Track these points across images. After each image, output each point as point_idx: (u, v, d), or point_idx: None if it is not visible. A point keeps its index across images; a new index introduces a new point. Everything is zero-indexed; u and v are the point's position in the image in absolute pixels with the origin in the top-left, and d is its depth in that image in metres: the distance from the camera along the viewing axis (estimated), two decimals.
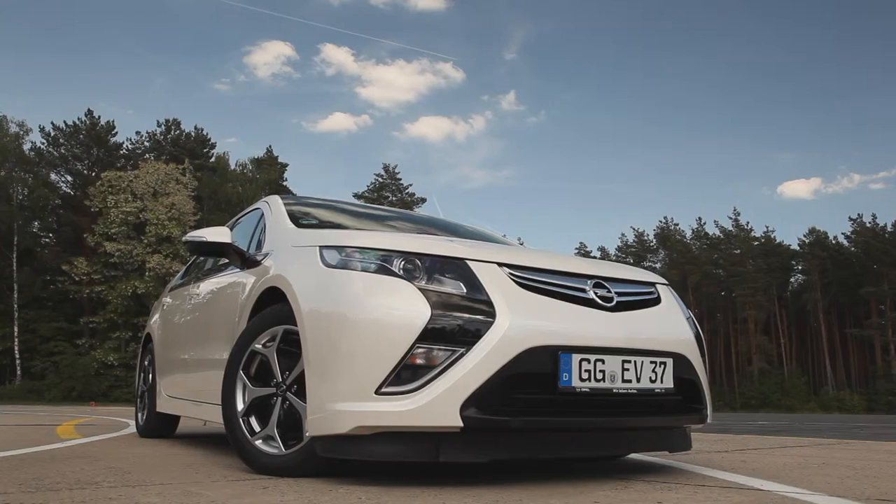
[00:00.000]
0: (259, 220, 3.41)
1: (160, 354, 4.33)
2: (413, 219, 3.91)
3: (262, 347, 2.57)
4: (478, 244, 2.71)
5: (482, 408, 2.07)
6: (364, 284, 2.25)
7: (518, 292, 2.26)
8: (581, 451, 2.37)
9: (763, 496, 2.06)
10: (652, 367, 2.35)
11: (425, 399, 2.06)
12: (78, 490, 2.04)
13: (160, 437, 4.45)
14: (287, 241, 2.83)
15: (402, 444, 2.14)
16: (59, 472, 2.50)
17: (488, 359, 2.09)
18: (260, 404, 2.55)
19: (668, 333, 2.52)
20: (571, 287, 2.37)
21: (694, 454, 3.53)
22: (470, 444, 2.13)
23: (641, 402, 2.35)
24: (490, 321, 2.14)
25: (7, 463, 2.84)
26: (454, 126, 70.62)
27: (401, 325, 2.12)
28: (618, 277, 2.57)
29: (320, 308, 2.30)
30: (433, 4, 69.30)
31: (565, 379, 2.17)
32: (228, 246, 3.15)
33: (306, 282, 2.41)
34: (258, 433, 2.51)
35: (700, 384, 2.56)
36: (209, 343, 3.33)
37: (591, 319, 2.32)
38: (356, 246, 2.38)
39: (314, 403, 2.22)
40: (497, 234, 3.94)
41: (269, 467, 2.43)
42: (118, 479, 2.29)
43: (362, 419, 2.10)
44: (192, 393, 3.63)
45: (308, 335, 2.28)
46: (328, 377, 2.19)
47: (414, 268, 2.27)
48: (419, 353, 2.10)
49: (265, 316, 2.62)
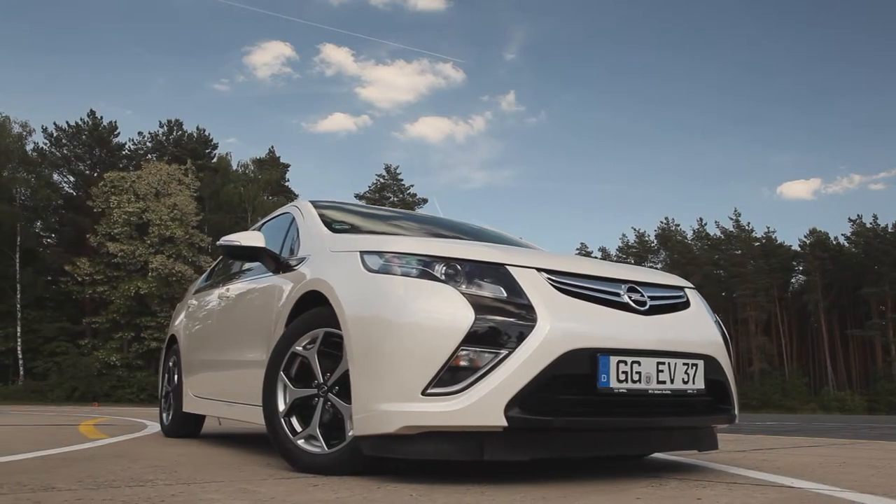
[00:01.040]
0: (290, 224, 3.48)
1: (186, 356, 4.41)
2: (440, 223, 3.98)
3: (303, 350, 2.65)
4: (515, 249, 2.79)
5: (525, 408, 2.15)
6: (407, 289, 2.33)
7: (557, 297, 2.34)
8: (617, 449, 2.45)
9: (797, 493, 2.13)
10: (684, 369, 2.43)
11: (471, 400, 2.14)
12: (137, 487, 2.12)
13: (186, 436, 4.52)
14: (324, 246, 2.90)
15: (446, 443, 2.22)
16: (108, 470, 2.58)
17: (531, 361, 2.17)
18: (301, 405, 2.63)
19: (699, 336, 2.60)
20: (607, 291, 2.45)
21: (714, 454, 3.61)
22: (512, 443, 2.21)
23: (675, 403, 2.43)
24: (532, 324, 2.22)
25: (52, 462, 2.91)
26: (454, 126, 70.73)
27: (446, 328, 2.20)
28: (649, 282, 2.65)
29: (364, 312, 2.37)
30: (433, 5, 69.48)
31: (604, 380, 2.24)
32: (262, 250, 3.22)
33: (349, 286, 2.49)
34: (300, 433, 2.59)
35: (728, 385, 2.64)
36: (242, 345, 3.41)
37: (627, 323, 2.40)
38: (398, 251, 2.46)
39: (360, 404, 2.29)
40: (523, 240, 4.01)
41: (311, 466, 2.51)
42: (169, 477, 2.37)
43: (409, 419, 2.18)
44: (223, 393, 3.71)
45: (353, 338, 2.36)
46: (374, 379, 2.27)
47: (455, 273, 2.35)
48: (464, 355, 2.18)
49: (305, 319, 2.70)
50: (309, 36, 73.16)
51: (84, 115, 42.01)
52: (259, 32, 73.78)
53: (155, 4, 61.78)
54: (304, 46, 75.89)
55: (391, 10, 67.06)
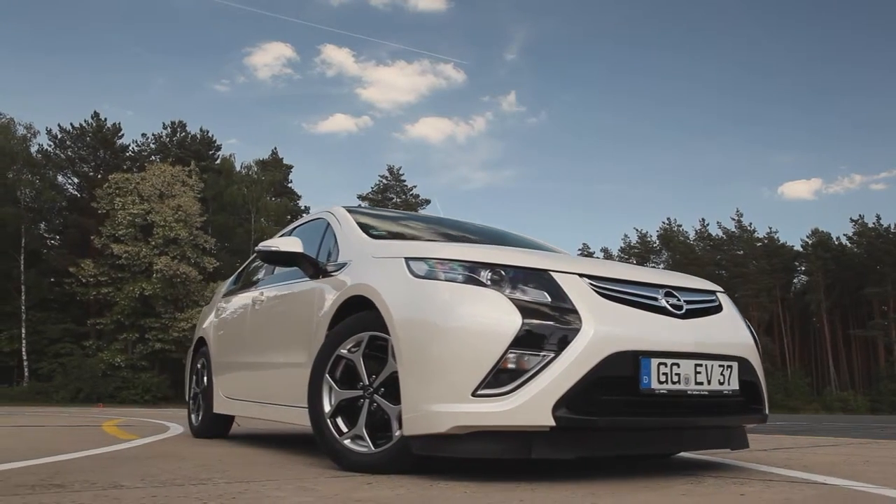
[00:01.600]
0: (325, 230, 3.57)
1: (217, 358, 4.50)
2: (465, 227, 4.07)
3: (348, 353, 2.73)
4: (556, 255, 2.89)
5: (572, 408, 2.24)
6: (455, 294, 2.42)
7: (599, 301, 2.43)
8: (657, 448, 2.55)
9: (833, 490, 2.22)
10: (720, 371, 2.52)
11: (520, 400, 2.23)
12: (200, 485, 2.21)
13: (215, 437, 4.61)
14: (366, 252, 2.99)
15: (495, 442, 2.31)
16: (161, 469, 2.67)
17: (577, 363, 2.26)
18: (346, 406, 2.72)
19: (733, 338, 2.70)
20: (645, 296, 2.54)
21: (739, 453, 3.69)
22: (559, 442, 2.30)
23: (711, 403, 2.52)
24: (577, 328, 2.31)
25: (102, 461, 3.00)
26: (455, 127, 70.85)
27: (494, 331, 2.29)
28: (684, 286, 2.74)
29: (413, 316, 2.46)
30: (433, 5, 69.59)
31: (645, 381, 2.34)
32: (301, 255, 3.31)
33: (395, 291, 2.58)
34: (346, 433, 2.68)
35: (760, 386, 2.74)
36: (280, 347, 3.50)
37: (665, 326, 2.49)
38: (443, 258, 2.55)
39: (410, 405, 2.38)
40: (548, 244, 4.10)
41: (358, 465, 2.59)
42: (224, 476, 2.45)
43: (460, 419, 2.27)
44: (258, 394, 3.80)
45: (402, 341, 2.44)
46: (424, 380, 2.36)
47: (500, 278, 2.44)
48: (512, 357, 2.27)
49: (349, 323, 2.79)
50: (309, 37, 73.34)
51: (87, 117, 42.18)
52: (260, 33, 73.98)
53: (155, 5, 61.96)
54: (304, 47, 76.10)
55: (391, 11, 67.23)
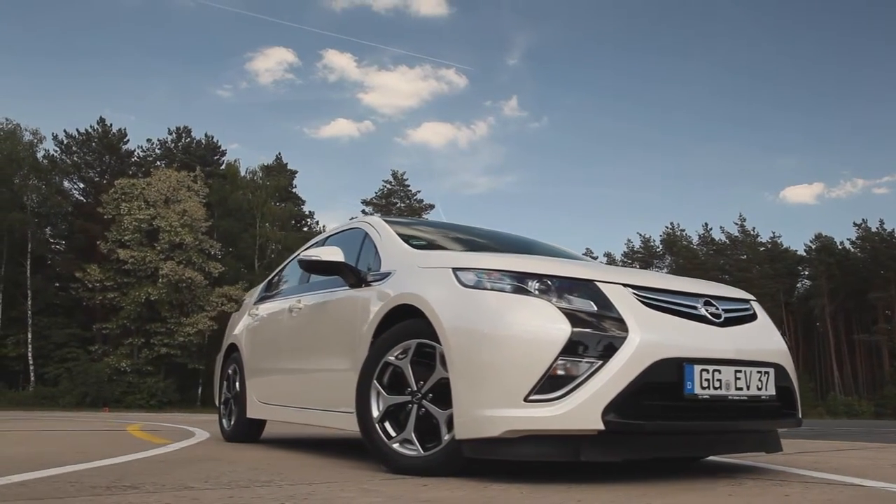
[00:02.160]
0: (363, 240, 3.67)
1: (251, 364, 4.59)
2: (495, 237, 4.18)
3: (395, 359, 2.84)
4: (600, 266, 3.00)
5: (620, 413, 2.35)
6: (505, 303, 2.52)
7: (643, 310, 2.53)
8: (698, 451, 2.65)
9: (871, 491, 2.32)
10: (758, 376, 2.62)
11: (571, 405, 2.33)
12: (265, 487, 2.31)
13: (247, 441, 4.70)
14: (410, 262, 3.10)
15: (545, 445, 2.41)
16: (219, 472, 2.77)
17: (624, 370, 2.36)
18: (394, 411, 2.82)
19: (769, 345, 2.80)
20: (686, 305, 2.65)
21: (765, 455, 3.79)
22: (607, 445, 2.40)
23: (750, 408, 2.62)
24: (623, 336, 2.42)
25: (152, 465, 3.10)
26: (457, 132, 70.99)
27: (545, 339, 2.39)
28: (721, 295, 2.85)
29: (463, 324, 2.56)
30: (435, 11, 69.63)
31: (689, 387, 2.44)
32: (343, 265, 3.42)
33: (445, 300, 2.68)
34: (394, 437, 2.78)
35: (794, 391, 2.84)
36: (320, 354, 3.60)
37: (706, 334, 2.60)
38: (492, 268, 2.66)
39: (462, 410, 2.48)
40: (577, 253, 4.21)
41: (408, 468, 2.69)
42: (284, 478, 2.56)
43: (513, 423, 2.37)
44: (296, 399, 3.90)
45: (453, 349, 2.54)
46: (476, 386, 2.46)
47: (547, 288, 2.55)
48: (562, 364, 2.37)
49: (396, 331, 2.89)
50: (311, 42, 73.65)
51: (89, 122, 42.58)
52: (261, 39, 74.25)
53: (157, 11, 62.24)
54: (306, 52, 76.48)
55: (393, 16, 67.41)
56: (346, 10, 67.18)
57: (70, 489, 2.19)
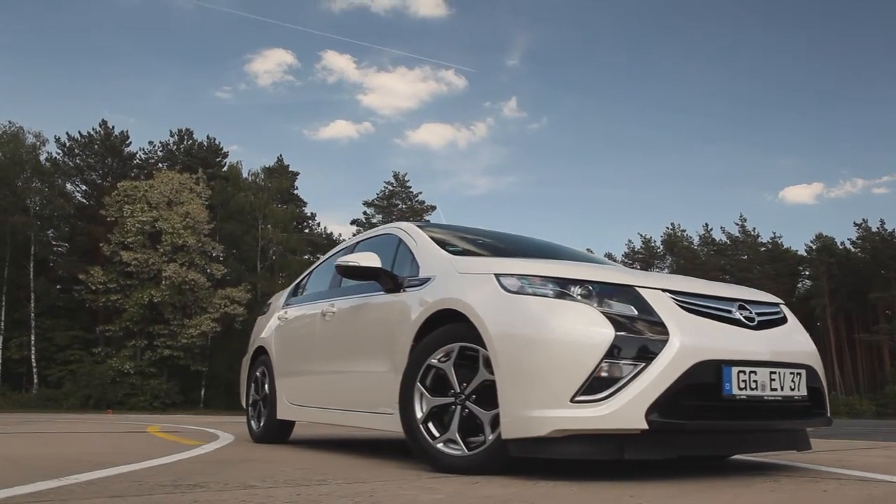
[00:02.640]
0: (397, 246, 3.77)
1: (281, 366, 4.69)
2: (520, 241, 4.29)
3: (438, 362, 2.94)
4: (637, 272, 3.10)
5: (663, 413, 2.45)
6: (550, 308, 2.63)
7: (682, 314, 2.64)
8: (735, 449, 2.76)
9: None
10: (791, 377, 2.73)
11: (615, 406, 2.44)
12: (323, 486, 2.41)
13: (277, 442, 4.80)
14: (449, 268, 3.20)
15: (590, 444, 2.51)
16: (269, 471, 2.87)
17: (666, 371, 2.47)
18: (437, 412, 2.93)
19: (800, 347, 2.91)
20: (722, 309, 2.76)
21: (787, 454, 3.89)
22: (649, 444, 2.50)
23: (783, 408, 2.73)
24: (665, 339, 2.52)
25: (200, 465, 3.20)
26: (456, 133, 71.07)
27: (590, 342, 2.50)
28: (754, 299, 2.96)
29: (508, 329, 2.67)
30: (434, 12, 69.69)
31: (727, 388, 2.54)
32: (380, 270, 3.53)
33: (488, 305, 2.78)
34: (438, 437, 2.88)
35: (824, 392, 2.95)
36: (358, 356, 3.70)
37: (742, 337, 2.70)
38: (535, 274, 2.76)
39: (509, 410, 2.59)
40: (601, 257, 4.31)
41: (453, 467, 2.79)
42: (337, 477, 2.66)
43: (560, 423, 2.48)
44: (331, 401, 3.99)
45: (499, 353, 2.65)
46: (523, 388, 2.56)
47: (589, 293, 2.66)
48: (606, 366, 2.48)
49: (439, 335, 2.99)
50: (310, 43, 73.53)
51: (88, 124, 42.81)
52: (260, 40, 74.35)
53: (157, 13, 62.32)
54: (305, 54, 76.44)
55: (393, 18, 67.48)
56: (345, 12, 67.27)
57: (140, 487, 2.29)
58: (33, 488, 2.25)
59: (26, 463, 3.22)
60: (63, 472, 2.74)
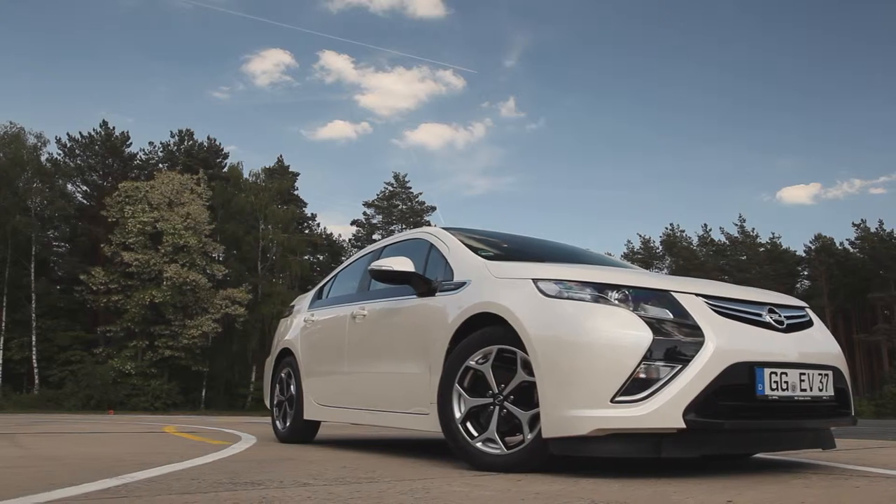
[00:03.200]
0: (428, 250, 3.87)
1: (308, 367, 4.79)
2: (545, 245, 4.39)
3: (476, 364, 3.04)
4: (671, 277, 3.21)
5: (700, 413, 2.56)
6: (588, 312, 2.73)
7: (715, 318, 2.75)
8: (766, 448, 2.86)
9: None
10: (819, 378, 2.84)
11: (654, 406, 2.54)
12: (373, 483, 2.51)
13: (303, 442, 4.90)
14: (485, 273, 3.29)
15: (628, 443, 2.61)
16: (313, 469, 2.97)
17: (702, 373, 2.58)
18: (476, 412, 3.03)
19: (827, 350, 3.02)
20: (752, 313, 2.86)
21: (803, 453, 4.00)
22: (685, 443, 2.61)
23: (812, 408, 2.84)
24: (701, 342, 2.63)
25: (243, 464, 3.30)
26: (454, 133, 71.07)
27: (629, 345, 2.60)
28: (782, 303, 3.07)
29: (548, 332, 2.77)
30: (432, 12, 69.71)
31: (760, 389, 2.65)
32: (414, 274, 3.63)
33: (527, 309, 2.88)
34: (477, 437, 2.98)
35: (849, 392, 3.05)
36: (391, 358, 3.80)
37: (772, 339, 2.81)
38: (573, 279, 2.86)
39: (550, 410, 2.69)
40: (623, 261, 4.42)
41: (491, 465, 2.90)
42: (385, 475, 2.76)
43: (600, 423, 2.58)
44: (362, 401, 4.09)
45: (540, 355, 2.75)
46: (564, 388, 2.67)
47: (625, 298, 2.76)
48: (645, 368, 2.58)
49: (477, 337, 3.09)
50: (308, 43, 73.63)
51: (86, 125, 42.90)
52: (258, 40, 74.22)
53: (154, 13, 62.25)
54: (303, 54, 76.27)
55: (391, 18, 67.46)
56: (343, 12, 67.25)
57: (200, 485, 2.39)
58: (101, 485, 2.35)
59: (72, 462, 3.31)
60: (113, 471, 2.83)
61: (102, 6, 60.85)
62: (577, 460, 2.96)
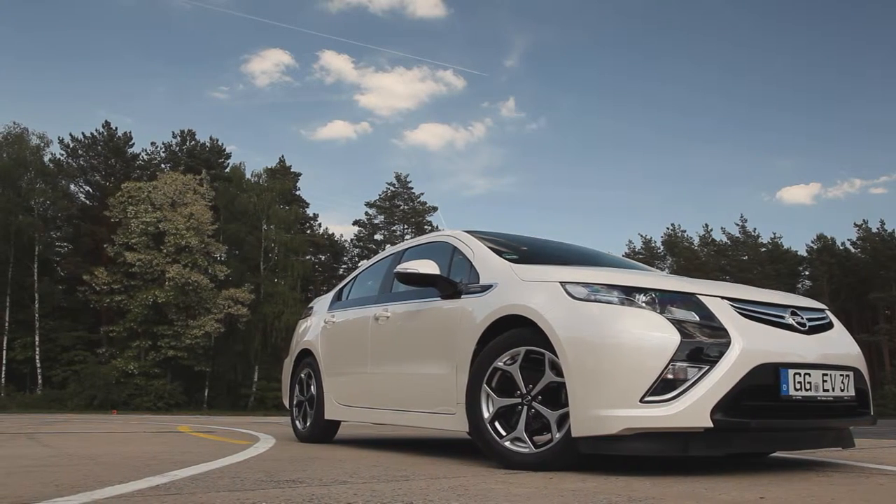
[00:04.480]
0: (452, 253, 3.94)
1: (329, 368, 4.86)
2: (565, 248, 4.47)
3: (504, 365, 3.12)
4: (696, 280, 3.28)
5: (726, 412, 2.64)
6: (617, 314, 2.81)
7: (740, 320, 2.82)
8: (789, 446, 2.95)
9: None
10: (841, 379, 2.92)
11: (682, 406, 2.62)
12: (410, 481, 2.59)
13: (323, 441, 4.97)
14: (512, 276, 3.37)
15: (656, 441, 2.69)
16: (347, 468, 3.04)
17: (729, 374, 2.66)
18: (504, 412, 3.10)
19: (848, 351, 3.10)
20: (776, 315, 2.94)
21: (823, 451, 4.08)
22: (712, 441, 2.69)
23: (834, 408, 2.92)
24: (727, 343, 2.71)
25: (273, 464, 3.37)
26: (454, 133, 71.06)
27: (658, 346, 2.68)
28: (803, 306, 3.15)
29: (578, 334, 2.84)
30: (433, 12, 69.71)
31: (784, 389, 2.73)
32: (440, 277, 3.70)
33: (556, 311, 2.96)
34: (505, 436, 3.06)
35: (868, 393, 3.14)
36: (416, 359, 3.87)
37: (795, 341, 2.89)
38: (601, 283, 2.94)
39: (579, 410, 2.76)
40: (639, 263, 4.50)
41: (520, 464, 2.97)
42: (417, 474, 2.83)
43: (630, 422, 2.66)
44: (386, 402, 4.16)
45: (569, 356, 2.82)
46: (593, 389, 2.74)
47: (652, 300, 2.84)
48: (673, 369, 2.66)
49: (504, 339, 3.17)
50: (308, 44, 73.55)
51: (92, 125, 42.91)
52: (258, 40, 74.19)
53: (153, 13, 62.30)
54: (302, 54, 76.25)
55: (391, 18, 67.44)
56: (343, 12, 67.25)
57: (243, 483, 2.46)
58: (149, 482, 2.42)
59: (110, 461, 3.39)
60: (154, 469, 2.91)
61: (102, 6, 60.95)
62: (598, 458, 3.03)
